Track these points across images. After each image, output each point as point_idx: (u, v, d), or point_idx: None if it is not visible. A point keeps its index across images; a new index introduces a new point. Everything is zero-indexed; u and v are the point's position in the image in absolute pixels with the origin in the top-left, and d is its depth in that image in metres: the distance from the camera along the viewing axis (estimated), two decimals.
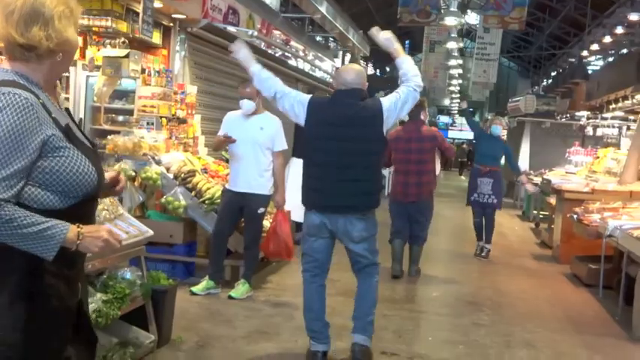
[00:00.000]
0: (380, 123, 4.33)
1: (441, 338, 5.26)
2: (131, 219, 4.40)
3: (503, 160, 9.49)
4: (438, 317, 5.92)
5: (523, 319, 5.93)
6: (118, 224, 4.19)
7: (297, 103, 4.37)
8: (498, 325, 5.70)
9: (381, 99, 4.45)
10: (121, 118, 7.54)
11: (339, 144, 4.27)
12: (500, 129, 9.24)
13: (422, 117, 7.34)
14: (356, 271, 4.56)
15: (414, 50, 42.46)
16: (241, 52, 4.63)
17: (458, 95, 44.79)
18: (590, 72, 21.46)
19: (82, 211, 2.22)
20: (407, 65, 4.47)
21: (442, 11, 19.70)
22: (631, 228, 6.26)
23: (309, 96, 4.50)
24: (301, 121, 4.37)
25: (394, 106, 4.36)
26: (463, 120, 54.66)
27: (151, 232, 4.42)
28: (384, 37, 4.54)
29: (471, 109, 53.12)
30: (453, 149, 8.50)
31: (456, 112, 53.77)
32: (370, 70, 27.74)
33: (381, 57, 37.01)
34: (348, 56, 23.66)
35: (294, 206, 7.43)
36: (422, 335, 5.34)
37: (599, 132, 16.62)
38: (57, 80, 2.53)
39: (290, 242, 6.16)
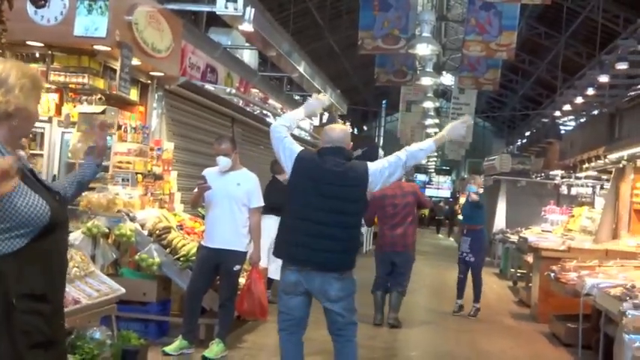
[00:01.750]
0: (364, 185, 4.32)
1: None
2: (102, 276, 4.32)
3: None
4: None
5: None
6: (89, 282, 4.09)
7: (288, 151, 4.38)
8: None
9: (368, 163, 4.45)
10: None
11: (321, 200, 4.25)
12: (474, 188, 9.41)
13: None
14: (334, 331, 4.43)
15: (390, 109, 43.18)
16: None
17: (435, 154, 45.34)
18: (563, 132, 21.93)
19: (45, 249, 2.39)
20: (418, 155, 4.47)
21: (418, 72, 20.10)
22: (608, 287, 6.26)
23: (300, 149, 4.48)
24: (287, 169, 4.40)
25: (379, 173, 4.34)
26: (440, 178, 55.33)
27: (122, 290, 4.32)
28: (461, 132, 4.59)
29: (448, 168, 53.83)
30: (430, 201, 8.86)
31: (433, 170, 54.37)
32: (348, 129, 28.16)
33: (357, 115, 37.56)
34: (325, 115, 23.96)
35: (268, 263, 7.42)
36: None
37: (574, 191, 16.86)
38: (20, 140, 2.73)
39: (265, 301, 6.07)
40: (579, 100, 18.53)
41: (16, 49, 6.28)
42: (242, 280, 6.30)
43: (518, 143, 34.60)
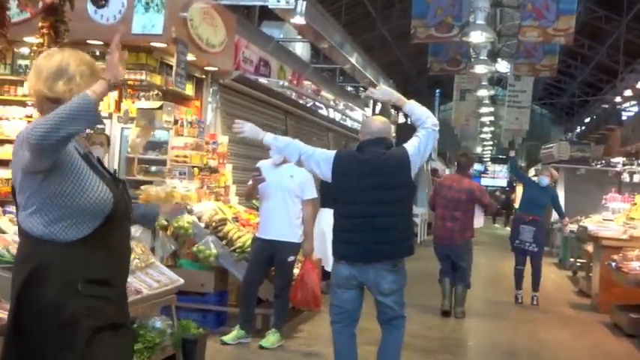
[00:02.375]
0: (407, 169, 4.31)
1: None
2: (162, 268, 4.44)
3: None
4: None
5: None
6: (149, 273, 4.22)
7: (322, 161, 4.38)
8: None
9: (405, 145, 4.41)
10: (153, 168, 7.67)
11: (367, 194, 4.25)
12: (546, 180, 9.27)
13: (469, 171, 8.25)
14: (382, 321, 4.49)
15: (444, 99, 42.67)
16: (247, 128, 4.64)
17: (490, 142, 44.64)
18: (624, 118, 21.30)
19: (109, 236, 2.47)
20: (417, 110, 4.43)
21: (472, 60, 19.80)
22: None
23: (334, 152, 4.50)
24: (328, 178, 4.38)
25: (417, 150, 4.34)
26: (496, 167, 54.37)
27: (181, 281, 4.44)
28: (380, 91, 4.61)
29: (504, 156, 52.87)
30: (494, 205, 8.71)
31: (488, 159, 53.43)
32: (401, 119, 27.90)
33: None
34: (379, 105, 23.87)
35: (322, 255, 7.49)
36: None
37: (636, 178, 16.35)
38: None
39: (318, 291, 6.12)
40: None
41: (76, 48, 6.46)
42: (296, 271, 6.38)
43: (577, 130, 33.74)
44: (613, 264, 7.55)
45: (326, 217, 7.00)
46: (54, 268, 2.38)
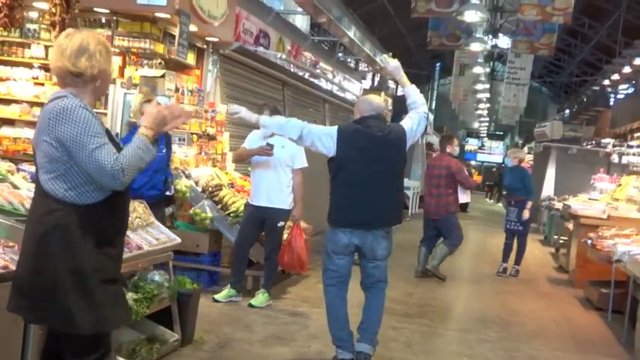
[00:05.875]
0: (404, 145, 4.77)
1: (448, 350, 5.55)
2: (161, 227, 4.79)
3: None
4: (446, 331, 6.19)
5: (529, 337, 6.18)
6: (149, 231, 4.58)
7: (324, 135, 4.67)
8: (504, 342, 5.95)
9: (402, 123, 4.84)
10: None
11: (368, 165, 4.64)
12: (510, 161, 10.02)
13: (448, 149, 8.86)
14: (366, 285, 4.88)
15: (444, 73, 42.65)
16: (242, 112, 5.14)
17: (487, 119, 44.73)
18: (616, 99, 21.48)
19: (116, 203, 2.85)
20: (415, 95, 4.92)
21: (472, 35, 19.94)
22: (638, 253, 6.47)
23: (335, 127, 4.80)
24: (332, 152, 4.67)
25: (411, 129, 4.80)
26: (492, 144, 54.45)
27: (178, 240, 4.79)
28: (394, 65, 4.98)
29: (501, 133, 52.86)
30: (471, 182, 9.12)
31: (485, 135, 53.52)
32: (400, 92, 28.21)
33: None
34: (377, 77, 24.05)
35: None
36: (429, 347, 5.60)
37: (625, 159, 16.67)
38: (96, 101, 3.16)
39: (304, 255, 6.47)
40: (628, 69, 18.13)
41: (84, 15, 6.74)
42: (285, 236, 6.73)
43: (573, 110, 33.90)
44: (589, 241, 7.90)
45: None
46: (70, 228, 2.74)
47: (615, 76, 19.53)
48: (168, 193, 6.33)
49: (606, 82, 21.63)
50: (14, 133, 8.10)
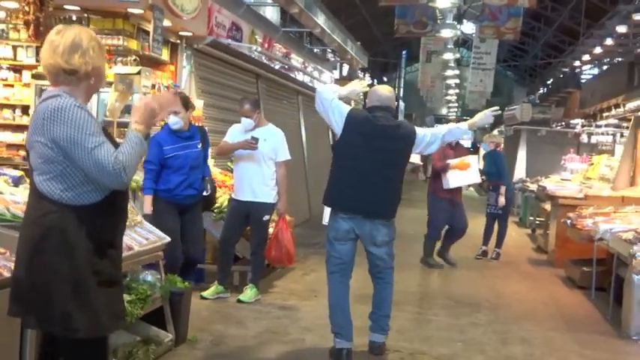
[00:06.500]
0: (411, 142, 4.80)
1: (440, 336, 5.56)
2: (149, 226, 4.71)
3: None
4: (437, 318, 6.21)
5: (518, 319, 6.24)
6: (138, 231, 4.49)
7: (338, 113, 4.74)
8: (495, 325, 6.00)
9: (416, 127, 4.95)
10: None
11: (372, 154, 4.67)
12: (486, 146, 10.18)
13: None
14: (374, 274, 4.93)
15: (411, 60, 42.84)
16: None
17: (455, 104, 45.06)
18: (584, 81, 21.78)
19: (114, 203, 2.77)
20: (457, 133, 5.14)
21: (438, 22, 20.03)
22: (620, 231, 6.57)
23: (349, 108, 4.85)
24: (338, 129, 4.76)
25: (422, 138, 4.85)
26: None
27: (168, 239, 4.72)
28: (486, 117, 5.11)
29: (468, 117, 53.28)
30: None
31: (453, 120, 53.93)
32: (368, 81, 28.22)
33: (377, 67, 37.43)
34: (345, 67, 24.04)
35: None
36: (422, 334, 5.62)
37: (594, 139, 16.95)
38: (89, 100, 3.00)
39: (291, 248, 6.44)
40: (598, 50, 18.39)
41: (55, 13, 6.57)
42: (271, 230, 6.68)
43: (540, 92, 34.32)
44: (568, 221, 8.00)
45: None
46: (67, 230, 2.67)
47: (586, 57, 19.78)
48: (205, 193, 5.95)
49: (577, 63, 21.90)
50: None
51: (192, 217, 5.81)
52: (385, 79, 42.43)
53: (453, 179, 8.49)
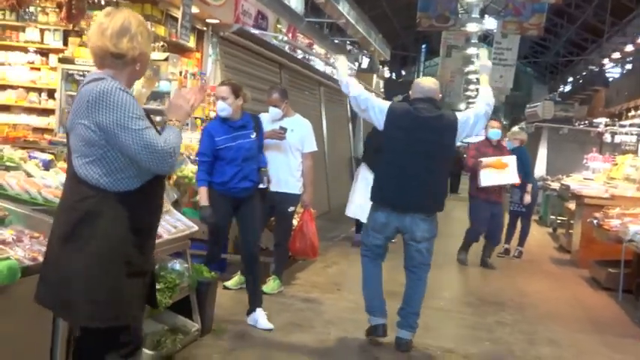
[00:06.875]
0: (454, 132, 4.71)
1: (467, 335, 5.48)
2: (178, 214, 4.66)
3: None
4: (463, 315, 6.13)
5: (544, 319, 6.14)
6: (167, 219, 4.44)
7: (378, 109, 4.74)
8: (521, 324, 5.90)
9: (457, 113, 4.86)
10: (158, 118, 7.76)
11: (414, 147, 4.62)
12: (510, 143, 9.35)
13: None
14: (409, 267, 4.88)
15: (430, 54, 42.52)
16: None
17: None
18: (610, 79, 21.49)
19: (151, 191, 2.72)
20: (481, 95, 4.90)
21: (460, 16, 19.83)
22: None
23: (389, 103, 4.84)
24: (381, 126, 4.74)
25: (466, 122, 4.75)
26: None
27: (196, 228, 4.67)
28: (484, 64, 4.99)
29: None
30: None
31: None
32: (387, 74, 27.94)
33: (396, 60, 37.18)
34: (366, 60, 23.85)
35: (359, 206, 8.18)
36: (449, 332, 5.54)
37: (617, 139, 16.74)
38: (131, 86, 2.93)
39: (315, 241, 6.38)
40: (630, 48, 18.10)
41: None
42: (295, 222, 6.62)
43: (562, 90, 33.95)
44: (595, 221, 7.88)
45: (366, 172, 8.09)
46: (103, 215, 2.61)
47: (616, 55, 19.48)
48: (262, 185, 5.47)
49: (605, 60, 21.59)
50: (10, 119, 7.89)
51: (249, 209, 5.33)
52: (404, 72, 42.20)
53: (486, 178, 8.19)
